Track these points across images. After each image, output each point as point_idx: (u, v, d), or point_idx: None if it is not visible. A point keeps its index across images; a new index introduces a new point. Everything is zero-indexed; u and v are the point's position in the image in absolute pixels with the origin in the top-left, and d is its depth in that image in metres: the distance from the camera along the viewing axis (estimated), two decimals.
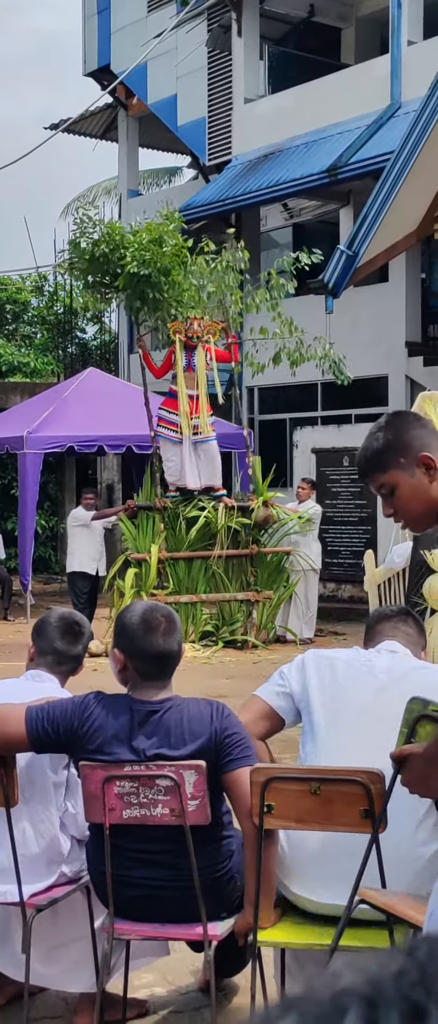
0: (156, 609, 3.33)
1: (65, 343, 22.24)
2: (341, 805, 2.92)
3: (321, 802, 2.94)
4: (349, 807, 2.91)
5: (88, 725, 3.20)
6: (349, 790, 2.91)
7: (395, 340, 16.27)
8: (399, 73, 15.76)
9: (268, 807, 2.98)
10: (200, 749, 3.14)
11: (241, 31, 18.20)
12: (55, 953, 3.59)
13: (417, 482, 2.55)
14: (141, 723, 3.18)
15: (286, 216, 21.03)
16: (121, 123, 21.90)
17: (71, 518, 13.16)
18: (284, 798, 2.98)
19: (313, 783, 2.94)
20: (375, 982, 0.49)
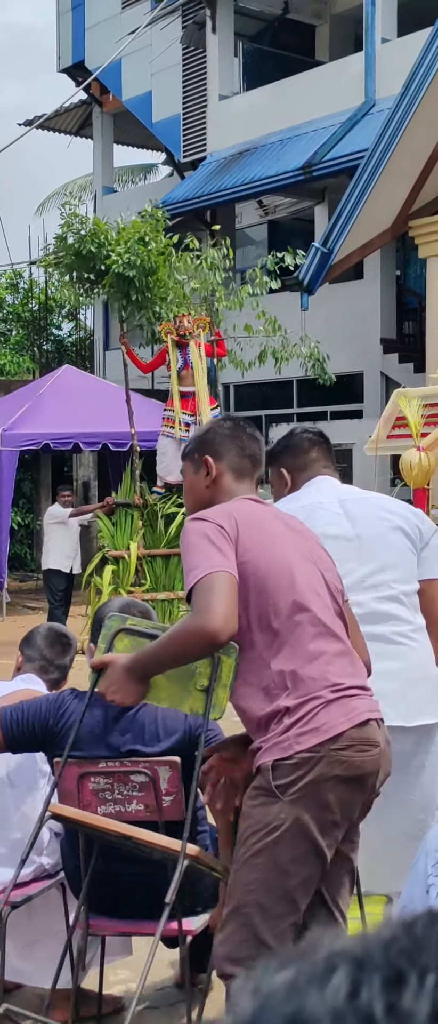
0: (134, 605, 3.36)
1: (40, 340, 22.17)
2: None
3: None
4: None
5: (63, 722, 3.21)
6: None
7: (370, 337, 16.35)
8: (373, 71, 15.83)
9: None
10: (175, 745, 3.16)
11: (215, 28, 18.21)
12: (30, 949, 3.60)
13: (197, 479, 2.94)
14: (116, 719, 3.20)
15: (261, 213, 21.06)
16: (96, 120, 21.84)
17: (47, 515, 13.13)
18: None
19: None
20: (366, 947, 0.53)
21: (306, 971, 0.52)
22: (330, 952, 0.53)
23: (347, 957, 0.52)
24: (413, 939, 0.53)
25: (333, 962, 0.52)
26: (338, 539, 3.18)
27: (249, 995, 0.53)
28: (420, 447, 9.59)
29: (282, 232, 20.89)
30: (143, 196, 20.09)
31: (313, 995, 0.51)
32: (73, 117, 22.76)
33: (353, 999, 0.50)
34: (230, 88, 18.43)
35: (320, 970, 0.52)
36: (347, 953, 0.52)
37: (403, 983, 0.50)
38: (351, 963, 0.52)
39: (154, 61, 19.29)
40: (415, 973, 0.50)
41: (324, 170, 15.83)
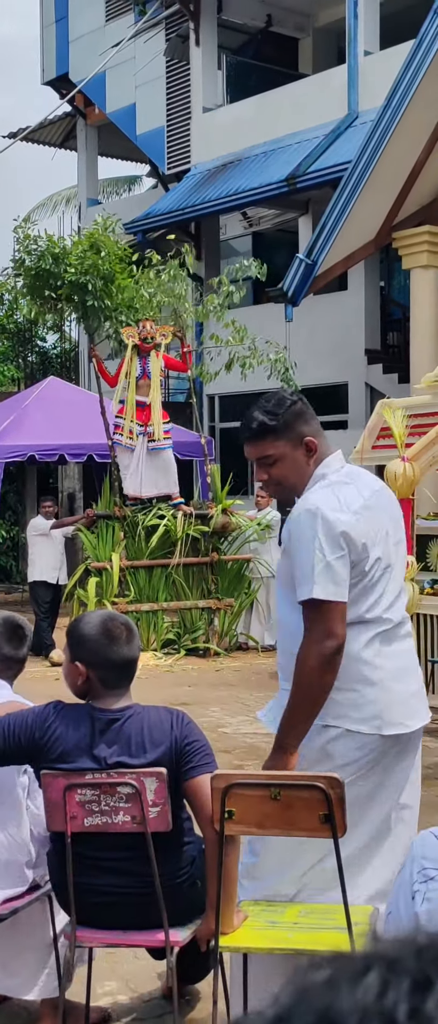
0: (115, 618, 3.36)
1: (25, 352, 22.14)
2: (300, 810, 2.95)
3: (281, 807, 2.96)
4: (308, 812, 2.94)
5: (49, 735, 3.21)
6: (308, 795, 2.93)
7: (355, 348, 16.41)
8: (356, 83, 15.92)
9: (229, 813, 3.00)
10: (161, 757, 3.17)
11: (199, 41, 18.27)
12: (15, 962, 3.59)
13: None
14: (102, 731, 3.20)
15: (245, 225, 21.13)
16: (80, 132, 21.87)
17: (31, 527, 13.10)
18: (244, 804, 3.00)
19: (273, 789, 2.97)
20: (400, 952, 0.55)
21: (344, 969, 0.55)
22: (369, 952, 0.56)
23: (382, 959, 0.55)
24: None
25: (369, 962, 0.55)
26: None
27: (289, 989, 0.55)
28: (405, 457, 9.63)
29: (266, 243, 20.96)
30: (127, 208, 20.14)
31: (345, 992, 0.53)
32: (57, 129, 22.78)
33: (380, 999, 0.52)
34: (214, 100, 18.49)
35: (357, 969, 0.55)
36: (383, 955, 0.55)
37: (430, 989, 0.52)
38: (385, 965, 0.54)
39: (138, 74, 19.34)
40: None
41: (308, 182, 15.89)
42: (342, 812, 2.91)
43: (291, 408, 3.14)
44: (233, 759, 7.36)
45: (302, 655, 2.97)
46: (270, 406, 3.14)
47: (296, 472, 3.13)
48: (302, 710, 2.99)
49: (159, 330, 12.37)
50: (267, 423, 3.11)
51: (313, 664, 2.96)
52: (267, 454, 3.13)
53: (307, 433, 3.14)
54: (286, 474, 3.14)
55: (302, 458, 3.13)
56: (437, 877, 2.32)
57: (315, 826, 2.94)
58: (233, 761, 7.30)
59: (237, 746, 7.68)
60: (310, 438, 3.13)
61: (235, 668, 11.60)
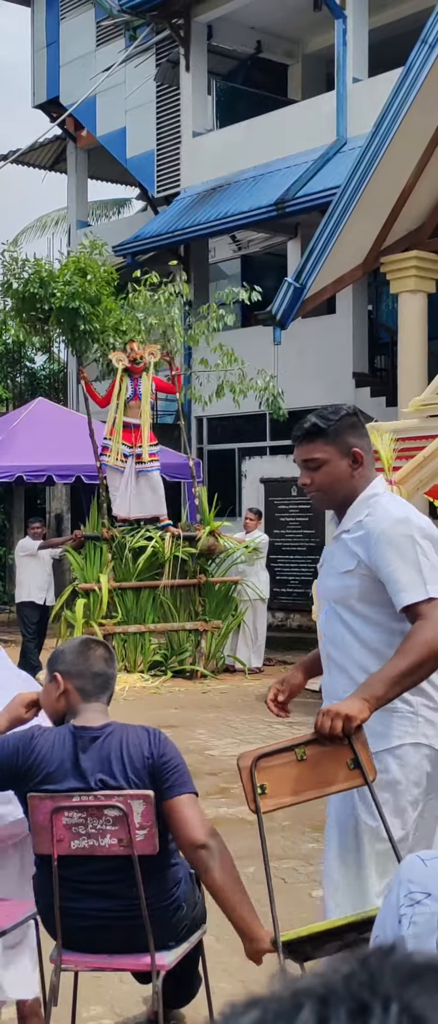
0: (94, 638, 3.44)
1: (14, 373, 22.14)
2: (328, 765, 2.89)
3: (309, 768, 2.90)
4: (336, 764, 2.89)
5: (33, 759, 3.19)
6: (331, 747, 2.88)
7: (343, 371, 16.47)
8: (345, 109, 16.03)
9: (261, 788, 2.92)
10: (139, 775, 3.16)
11: (189, 66, 18.38)
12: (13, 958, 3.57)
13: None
14: (84, 749, 3.19)
15: (234, 248, 21.21)
16: (70, 155, 21.94)
17: (19, 548, 13.09)
18: (273, 776, 2.92)
19: (298, 750, 2.93)
20: (328, 983, 0.55)
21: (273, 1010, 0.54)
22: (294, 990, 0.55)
23: (311, 994, 0.54)
24: (369, 972, 0.55)
25: (298, 1000, 0.54)
26: None
27: None
28: (392, 480, 9.66)
29: (255, 267, 21.04)
30: (117, 230, 20.21)
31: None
32: (48, 152, 22.85)
33: None
34: (203, 125, 18.59)
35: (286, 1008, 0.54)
36: (310, 990, 0.54)
37: (368, 1013, 0.52)
38: (316, 999, 0.53)
39: (128, 98, 19.43)
40: (378, 1003, 0.52)
41: (297, 206, 15.98)
42: (368, 754, 2.88)
43: (345, 418, 3.16)
44: (219, 781, 7.35)
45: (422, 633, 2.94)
46: (326, 412, 3.19)
47: (339, 481, 3.14)
48: (406, 678, 2.94)
49: (147, 349, 12.40)
50: (319, 425, 3.14)
51: (433, 646, 2.94)
52: (314, 456, 3.14)
53: (356, 445, 3.15)
54: (330, 481, 3.14)
55: (347, 469, 3.14)
56: (423, 901, 2.32)
57: (346, 776, 2.89)
58: (219, 784, 7.29)
59: (223, 768, 7.66)
60: (358, 450, 3.15)
61: (222, 690, 11.59)
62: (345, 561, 3.14)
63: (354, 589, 3.12)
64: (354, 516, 3.15)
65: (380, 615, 3.09)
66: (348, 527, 3.15)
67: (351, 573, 3.12)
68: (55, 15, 21.04)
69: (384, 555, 3.04)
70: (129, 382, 12.23)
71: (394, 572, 3.02)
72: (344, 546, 3.16)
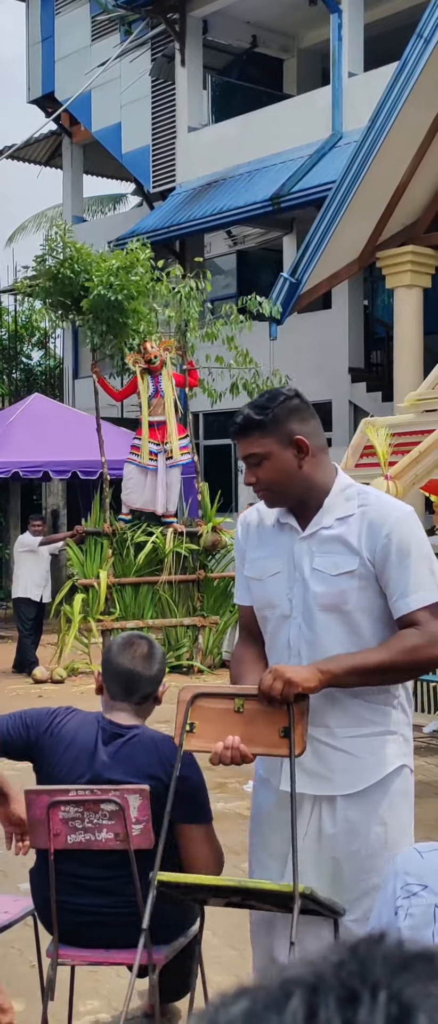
0: (138, 635, 3.44)
1: (10, 368, 22.12)
2: (262, 725, 2.76)
3: (243, 721, 2.78)
4: (270, 727, 2.74)
5: (57, 729, 3.26)
6: (272, 709, 2.73)
7: (338, 366, 16.48)
8: (340, 104, 16.02)
9: (191, 725, 2.82)
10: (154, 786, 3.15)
11: (184, 61, 18.36)
12: None
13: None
14: (105, 742, 3.22)
15: (230, 243, 21.20)
16: (65, 150, 21.92)
17: (18, 544, 13.08)
18: (207, 716, 2.82)
19: (237, 700, 2.79)
20: (317, 971, 0.55)
21: (262, 999, 0.54)
22: (283, 979, 0.55)
23: (300, 982, 0.54)
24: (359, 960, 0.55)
25: (288, 988, 0.54)
26: None
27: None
28: (388, 476, 9.67)
29: (251, 262, 21.03)
30: (113, 226, 20.20)
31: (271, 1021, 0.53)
32: (43, 147, 22.82)
33: (312, 1020, 0.52)
34: (199, 120, 18.57)
35: (276, 997, 0.54)
36: (300, 979, 0.54)
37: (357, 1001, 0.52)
38: (305, 988, 0.54)
39: (124, 93, 19.41)
40: (367, 991, 0.53)
41: (292, 201, 15.98)
42: (303, 728, 2.72)
43: (283, 403, 2.80)
44: (215, 776, 7.35)
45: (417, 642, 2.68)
46: (261, 400, 2.86)
47: (286, 475, 2.78)
48: (374, 674, 2.71)
49: (161, 345, 12.38)
50: (253, 417, 2.80)
51: (420, 657, 2.70)
52: (253, 452, 2.81)
53: (298, 432, 2.78)
54: (275, 476, 2.78)
55: (293, 460, 2.78)
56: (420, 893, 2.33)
57: (275, 742, 2.74)
58: (215, 779, 7.29)
59: None
60: (300, 437, 2.77)
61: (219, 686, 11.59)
62: (339, 561, 2.76)
63: (352, 594, 2.75)
64: (334, 511, 2.79)
65: (376, 623, 2.77)
66: (328, 523, 2.79)
67: (350, 575, 2.75)
68: (50, 10, 21.00)
69: (401, 548, 2.71)
70: (150, 380, 12.23)
71: (409, 569, 2.71)
72: (334, 543, 2.78)
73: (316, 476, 2.80)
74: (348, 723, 2.77)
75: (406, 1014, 0.51)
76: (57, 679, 11.76)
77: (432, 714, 9.19)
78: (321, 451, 2.85)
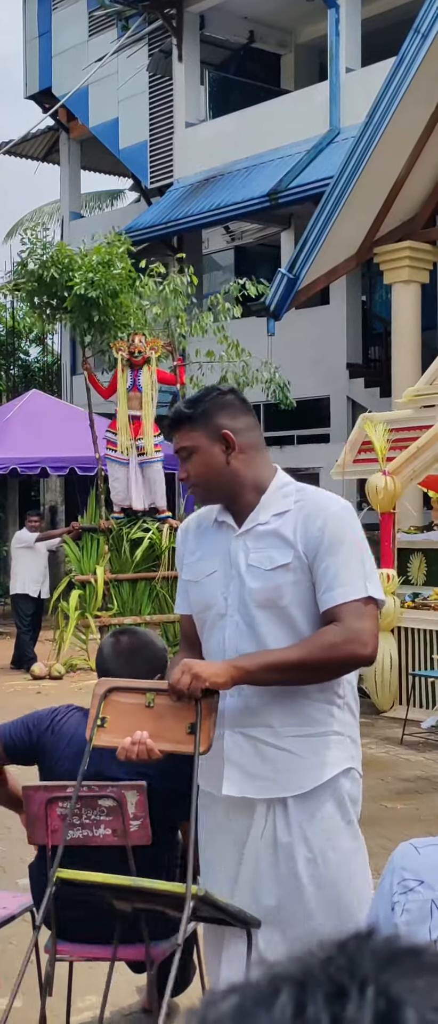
0: (129, 632, 3.41)
1: (8, 365, 22.11)
2: (170, 720, 2.73)
3: (153, 716, 2.76)
4: (178, 723, 2.72)
5: (59, 726, 3.30)
6: (182, 704, 2.70)
7: (336, 362, 16.48)
8: (338, 99, 16.01)
9: (102, 720, 2.81)
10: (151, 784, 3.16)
11: (182, 56, 18.34)
12: None
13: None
14: None
15: (228, 239, 21.19)
16: (63, 146, 21.90)
17: (15, 540, 13.09)
18: (119, 711, 2.81)
19: (149, 694, 2.78)
20: (306, 967, 0.55)
21: (251, 996, 0.54)
22: (271, 976, 0.55)
23: (289, 979, 0.54)
24: (348, 956, 0.55)
25: (276, 985, 0.54)
26: None
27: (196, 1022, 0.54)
28: (386, 471, 9.68)
29: (249, 258, 21.03)
30: (110, 222, 20.17)
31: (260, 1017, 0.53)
32: (40, 143, 22.80)
33: (300, 1016, 0.52)
34: (196, 115, 18.56)
35: (264, 993, 0.54)
36: (288, 975, 0.55)
37: (345, 996, 0.53)
38: (293, 984, 0.54)
39: (121, 88, 19.39)
40: (355, 986, 0.53)
41: (290, 197, 15.97)
42: (209, 725, 2.68)
43: (214, 398, 2.76)
44: None
45: (338, 641, 2.59)
46: (194, 395, 2.83)
47: (214, 470, 2.73)
48: (292, 672, 2.62)
49: (149, 344, 12.37)
50: (183, 411, 2.77)
51: (343, 657, 2.61)
52: (183, 446, 2.76)
53: (227, 427, 2.72)
54: (202, 471, 2.74)
55: (221, 455, 2.72)
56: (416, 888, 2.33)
57: (181, 738, 2.71)
58: None
59: None
60: (227, 431, 2.71)
61: None
62: (275, 555, 2.69)
63: (287, 588, 2.67)
64: (271, 507, 2.73)
65: (313, 619, 2.68)
66: (264, 520, 2.72)
67: (285, 568, 2.67)
68: (47, 5, 20.98)
69: (332, 542, 2.64)
70: (129, 373, 12.21)
71: (338, 564, 2.63)
72: (264, 539, 2.71)
73: (245, 473, 2.75)
74: (292, 722, 2.68)
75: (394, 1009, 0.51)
76: (55, 675, 11.78)
77: (430, 710, 9.21)
78: (252, 448, 2.78)
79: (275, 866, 2.69)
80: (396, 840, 2.18)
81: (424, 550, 9.93)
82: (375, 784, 7.14)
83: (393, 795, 6.93)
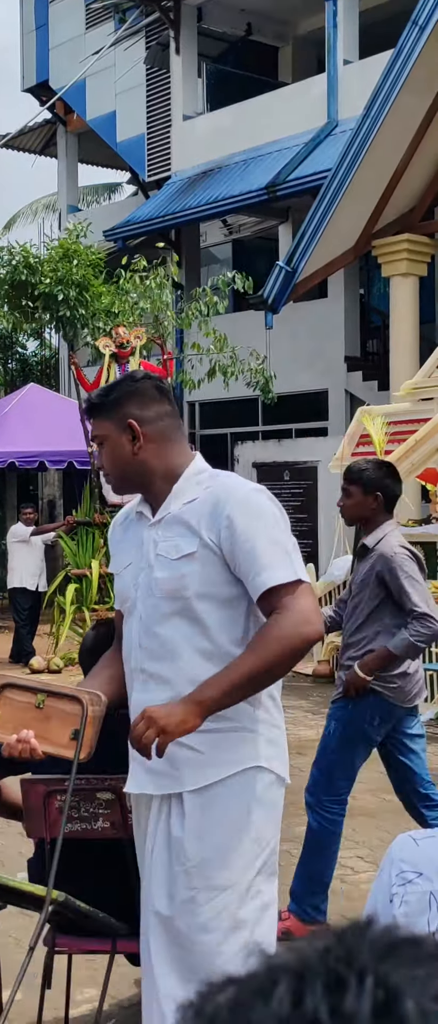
0: (109, 624, 3.40)
1: (5, 359, 22.09)
2: (57, 723, 2.75)
3: (41, 717, 2.78)
4: (63, 727, 2.74)
5: None
6: (70, 709, 2.73)
7: (334, 355, 16.47)
8: (336, 92, 15.99)
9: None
10: None
11: (179, 49, 18.31)
12: None
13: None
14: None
15: (226, 232, 21.17)
16: (60, 139, 21.86)
17: (11, 534, 13.09)
18: (10, 709, 2.81)
19: (39, 695, 2.79)
20: (304, 957, 0.55)
21: (248, 988, 0.54)
22: (269, 966, 0.55)
23: (287, 970, 0.54)
24: (346, 947, 0.55)
25: (274, 976, 0.54)
26: None
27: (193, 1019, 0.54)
28: None
29: (246, 251, 21.01)
30: (107, 215, 20.17)
31: (258, 1008, 0.53)
32: (37, 136, 22.75)
33: (298, 1007, 0.52)
34: (194, 108, 18.53)
35: (262, 985, 0.54)
36: (286, 966, 0.54)
37: (344, 986, 0.53)
38: (291, 975, 0.54)
39: (118, 81, 19.35)
40: (354, 976, 0.53)
41: (288, 190, 15.95)
42: (93, 731, 2.70)
43: (127, 387, 2.70)
44: None
45: (281, 629, 2.48)
46: (109, 383, 2.81)
47: (122, 460, 2.67)
48: (250, 682, 2.49)
49: (133, 333, 12.36)
50: (94, 400, 2.73)
51: (292, 644, 2.49)
52: (95, 435, 2.74)
53: (134, 416, 2.65)
54: (111, 461, 2.70)
55: (127, 446, 2.66)
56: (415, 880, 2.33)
57: (64, 743, 2.73)
58: None
59: None
60: (132, 421, 2.65)
61: None
62: (180, 544, 2.60)
63: (193, 578, 2.57)
64: (182, 496, 2.64)
65: (221, 612, 2.58)
66: (176, 509, 2.64)
67: (190, 557, 2.57)
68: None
69: (244, 527, 2.52)
70: (117, 368, 12.19)
71: (256, 547, 2.51)
72: (173, 527, 2.63)
73: (155, 463, 2.67)
74: None
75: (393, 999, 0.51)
76: (54, 669, 11.78)
77: (429, 703, 9.21)
78: (163, 437, 2.68)
79: (168, 865, 2.59)
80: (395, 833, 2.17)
81: (422, 543, 9.93)
82: (375, 776, 7.14)
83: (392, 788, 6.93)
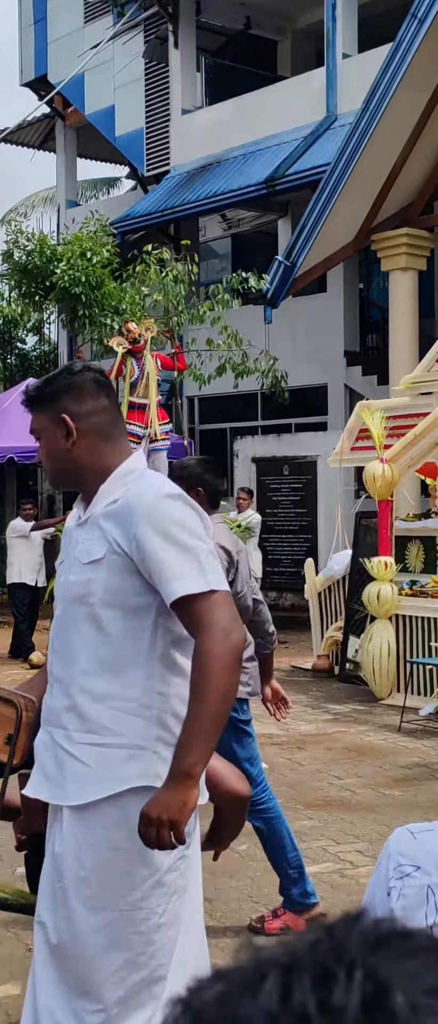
0: None
1: (5, 353, 22.07)
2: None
3: None
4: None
5: None
6: (5, 711, 2.69)
7: (334, 350, 16.46)
8: (335, 86, 15.97)
9: None
10: None
11: (178, 43, 18.28)
12: None
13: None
14: None
15: (225, 227, 21.15)
16: (59, 133, 21.83)
17: (10, 529, 13.08)
18: None
19: None
20: (293, 951, 0.54)
21: (236, 981, 0.54)
22: (258, 961, 0.54)
23: (275, 963, 0.54)
24: (335, 940, 0.55)
25: (262, 970, 0.54)
26: None
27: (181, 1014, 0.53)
28: (383, 459, 9.68)
29: (246, 245, 20.99)
30: (106, 209, 20.13)
31: (246, 1003, 0.52)
32: (36, 131, 22.73)
33: (286, 1001, 0.52)
34: (193, 102, 18.51)
35: (250, 979, 0.53)
36: (275, 960, 0.54)
37: (332, 980, 0.52)
38: (280, 968, 0.53)
39: (117, 75, 19.33)
40: (343, 970, 0.52)
41: (287, 184, 15.94)
42: (26, 738, 2.67)
43: (63, 380, 2.59)
44: None
45: (212, 657, 2.34)
46: (48, 376, 2.70)
47: (56, 456, 2.59)
48: (218, 724, 2.37)
49: (143, 325, 12.33)
50: (31, 392, 2.65)
51: (227, 662, 2.34)
52: (33, 428, 2.64)
53: (68, 411, 2.55)
54: (46, 456, 2.62)
55: (61, 441, 2.56)
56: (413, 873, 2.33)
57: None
58: None
59: None
60: (65, 416, 2.55)
61: None
62: (91, 548, 2.50)
63: (98, 584, 2.47)
64: (106, 496, 2.53)
65: (126, 621, 2.46)
66: (100, 510, 2.52)
67: (98, 564, 2.48)
68: None
69: (152, 534, 2.40)
70: (134, 363, 12.16)
71: (164, 555, 2.39)
72: (91, 530, 2.52)
73: (87, 459, 2.56)
74: (85, 729, 2.46)
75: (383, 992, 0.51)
76: None
77: (428, 697, 9.22)
78: (98, 433, 2.57)
79: (51, 882, 2.50)
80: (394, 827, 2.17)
81: (422, 537, 9.93)
82: (373, 771, 7.16)
83: (391, 782, 6.94)
